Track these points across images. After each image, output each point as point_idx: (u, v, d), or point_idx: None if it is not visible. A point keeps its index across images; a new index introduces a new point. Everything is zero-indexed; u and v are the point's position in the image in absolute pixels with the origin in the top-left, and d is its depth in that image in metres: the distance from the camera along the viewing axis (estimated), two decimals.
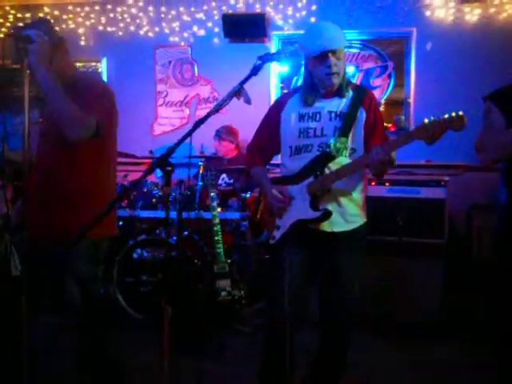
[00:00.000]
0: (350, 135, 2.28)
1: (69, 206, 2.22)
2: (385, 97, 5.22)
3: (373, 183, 4.08)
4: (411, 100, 5.17)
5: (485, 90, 5.16)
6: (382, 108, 5.21)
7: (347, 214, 2.30)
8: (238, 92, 1.95)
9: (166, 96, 5.58)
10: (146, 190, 4.15)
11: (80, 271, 2.21)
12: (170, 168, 1.75)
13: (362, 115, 2.30)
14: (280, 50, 2.04)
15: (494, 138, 2.36)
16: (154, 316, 3.72)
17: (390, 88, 5.20)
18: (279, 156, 2.49)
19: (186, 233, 4.00)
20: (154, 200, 4.12)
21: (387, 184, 4.07)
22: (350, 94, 2.34)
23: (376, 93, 5.20)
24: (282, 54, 2.00)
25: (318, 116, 2.32)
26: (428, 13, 5.08)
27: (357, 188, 2.34)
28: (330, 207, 2.25)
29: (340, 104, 2.31)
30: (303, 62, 2.35)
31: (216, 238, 3.71)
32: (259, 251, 3.91)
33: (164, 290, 3.52)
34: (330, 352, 2.41)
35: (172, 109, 5.57)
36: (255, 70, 1.98)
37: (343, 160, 2.26)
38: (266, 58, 2.01)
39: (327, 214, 2.22)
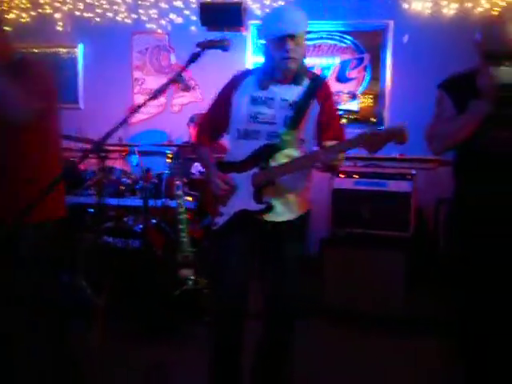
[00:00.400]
0: (301, 126, 2.27)
1: (14, 191, 2.22)
2: (361, 89, 5.21)
3: (341, 175, 4.10)
4: (387, 93, 5.16)
5: None
6: (359, 100, 5.22)
7: (291, 204, 2.32)
8: (177, 80, 1.94)
9: (142, 83, 5.56)
10: (114, 178, 4.14)
11: (24, 255, 2.21)
12: (104, 154, 1.73)
13: (315, 107, 2.29)
14: (221, 38, 2.01)
15: (444, 126, 2.34)
16: (118, 304, 3.80)
17: (367, 80, 5.19)
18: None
19: (154, 221, 4.00)
20: (122, 188, 4.11)
21: (355, 176, 4.08)
22: (306, 82, 2.31)
23: (352, 85, 5.21)
24: (225, 42, 1.98)
25: (270, 102, 2.30)
26: (405, 5, 5.07)
27: (302, 179, 2.35)
28: (273, 199, 2.26)
29: (294, 92, 2.29)
30: (264, 43, 2.34)
31: (181, 226, 3.69)
32: None
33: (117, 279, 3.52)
34: (275, 343, 2.41)
35: (148, 96, 5.52)
36: (194, 58, 1.97)
37: (291, 152, 2.26)
38: (205, 45, 1.99)
39: (269, 208, 2.24)
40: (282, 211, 2.29)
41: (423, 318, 3.77)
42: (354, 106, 5.23)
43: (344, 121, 5.20)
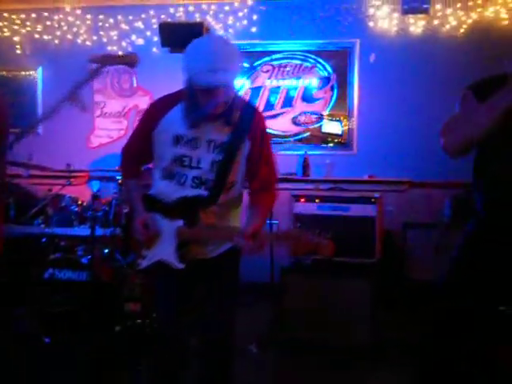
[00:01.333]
0: (232, 171, 2.07)
1: None
2: (328, 110, 5.04)
3: (302, 200, 3.90)
4: (355, 113, 5.00)
5: (429, 102, 5.07)
6: (325, 121, 5.05)
7: (216, 243, 2.14)
8: (73, 97, 1.75)
9: (103, 107, 5.37)
10: (63, 205, 3.92)
11: None
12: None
13: (246, 145, 2.06)
14: (127, 53, 1.82)
15: (462, 120, 2.09)
16: (64, 339, 3.56)
17: (333, 101, 5.03)
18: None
19: (106, 250, 3.77)
20: (71, 216, 3.89)
21: (316, 201, 3.88)
22: (236, 117, 2.04)
23: (319, 105, 5.04)
24: (128, 58, 1.79)
25: (196, 143, 2.05)
26: (371, 24, 4.94)
27: (233, 215, 2.19)
28: (197, 247, 2.11)
29: (224, 131, 2.04)
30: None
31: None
32: None
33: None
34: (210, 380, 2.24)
35: (110, 120, 5.36)
36: (92, 75, 1.77)
37: (219, 208, 2.10)
38: (104, 60, 1.80)
39: (191, 266, 2.08)
40: (211, 248, 2.14)
41: (390, 347, 3.54)
42: (337, 129, 5.05)
43: (330, 144, 5.05)
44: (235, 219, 2.19)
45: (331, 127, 5.05)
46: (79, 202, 3.94)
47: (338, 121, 5.04)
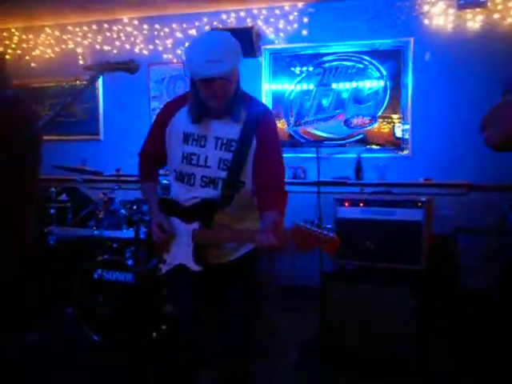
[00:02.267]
0: (242, 170, 2.05)
1: None
2: (381, 111, 4.90)
3: (346, 204, 3.81)
4: (408, 114, 4.82)
5: (488, 101, 4.81)
6: (377, 123, 4.91)
7: (234, 247, 2.14)
8: (70, 105, 1.80)
9: None
10: (113, 209, 4.06)
11: None
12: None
13: (254, 144, 2.04)
14: (126, 60, 1.85)
15: (505, 110, 1.95)
16: (113, 339, 3.68)
17: (386, 102, 4.88)
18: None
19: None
20: (120, 219, 4.02)
21: (361, 204, 3.77)
22: (244, 116, 2.04)
23: (372, 107, 4.92)
24: (128, 64, 1.82)
25: (203, 140, 2.07)
26: (426, 21, 4.75)
27: (247, 216, 2.16)
28: (217, 251, 2.12)
29: (231, 129, 2.04)
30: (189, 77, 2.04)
31: None
32: None
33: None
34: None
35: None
36: (90, 81, 1.82)
37: (232, 207, 2.10)
38: (101, 68, 1.84)
39: (208, 270, 2.09)
40: (227, 252, 2.13)
41: (436, 364, 3.37)
42: (391, 131, 4.92)
43: (384, 147, 4.93)
44: (250, 220, 2.15)
45: (384, 129, 4.90)
46: (128, 206, 4.07)
47: (391, 123, 4.89)
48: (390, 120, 4.89)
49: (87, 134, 5.68)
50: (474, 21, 4.63)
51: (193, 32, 5.33)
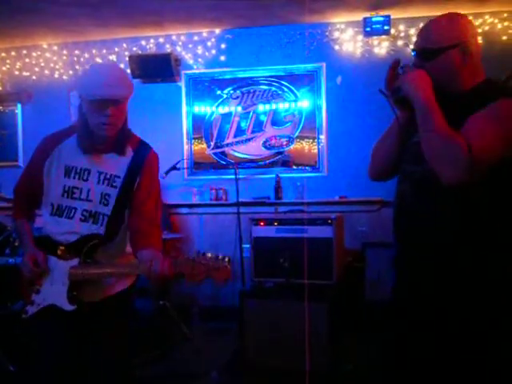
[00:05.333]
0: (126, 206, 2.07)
1: None
2: (297, 132, 5.09)
3: (261, 223, 3.94)
4: (323, 135, 5.04)
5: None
6: (295, 144, 5.10)
7: (110, 283, 2.10)
8: None
9: None
10: None
11: None
12: None
13: (137, 182, 2.07)
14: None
15: (378, 145, 2.00)
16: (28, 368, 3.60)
17: (302, 124, 5.08)
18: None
19: None
20: None
21: (275, 224, 3.91)
22: (130, 153, 2.08)
23: (288, 129, 5.10)
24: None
25: (86, 174, 2.06)
26: (336, 47, 5.01)
27: (126, 254, 2.14)
28: (93, 288, 2.05)
29: (116, 164, 2.07)
30: (80, 103, 2.05)
31: None
32: None
33: None
34: None
35: None
36: None
37: (114, 242, 2.08)
38: None
39: (82, 309, 2.00)
40: (99, 292, 2.07)
41: (349, 372, 3.51)
42: (307, 151, 5.10)
43: (301, 167, 5.09)
44: (126, 256, 2.15)
45: (301, 150, 5.10)
46: None
47: (308, 143, 5.09)
48: (306, 141, 5.09)
49: (5, 160, 5.58)
50: (381, 47, 4.94)
51: (113, 57, 5.37)
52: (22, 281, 2.11)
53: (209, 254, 1.83)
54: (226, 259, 1.83)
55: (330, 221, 3.79)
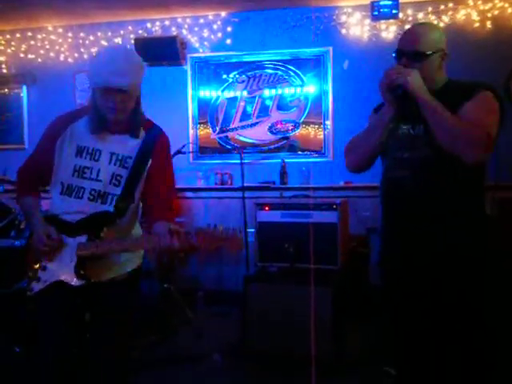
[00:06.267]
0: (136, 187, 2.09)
1: None
2: (303, 117, 5.07)
3: (266, 208, 3.93)
4: (329, 120, 5.01)
5: None
6: (301, 129, 5.08)
7: (117, 263, 2.11)
8: None
9: None
10: None
11: None
12: None
13: (149, 163, 2.09)
14: None
15: (361, 135, 2.32)
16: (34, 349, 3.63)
17: (308, 108, 5.05)
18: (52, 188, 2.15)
19: None
20: None
21: (281, 208, 3.90)
22: (143, 135, 2.10)
23: (294, 113, 5.07)
24: None
25: (97, 154, 2.08)
26: (343, 31, 4.96)
27: (132, 228, 2.18)
28: (100, 265, 2.07)
29: (128, 146, 2.09)
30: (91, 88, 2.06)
31: None
32: None
33: None
34: None
35: None
36: None
37: (122, 222, 2.10)
38: None
39: (89, 285, 2.02)
40: (107, 270, 2.09)
41: (353, 356, 3.52)
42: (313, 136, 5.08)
43: (307, 152, 5.08)
44: (135, 234, 2.20)
45: (307, 135, 5.08)
46: None
47: (314, 128, 5.06)
48: (312, 126, 5.06)
49: (10, 143, 5.58)
50: (388, 31, 4.88)
51: (118, 40, 5.35)
52: (29, 258, 2.13)
53: (220, 227, 1.88)
54: (238, 230, 1.89)
55: (334, 206, 3.77)
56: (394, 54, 2.09)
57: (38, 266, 2.09)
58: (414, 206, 2.02)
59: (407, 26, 4.81)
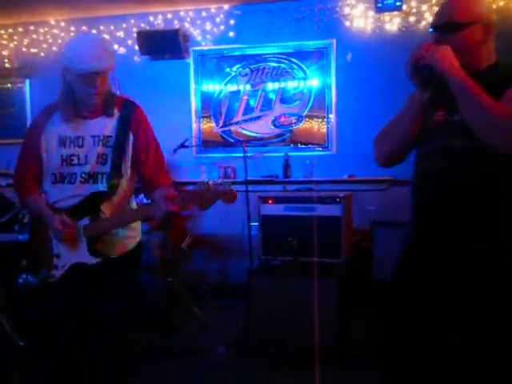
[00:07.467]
0: (122, 163, 2.19)
1: None
2: (306, 111, 5.05)
3: (269, 201, 3.92)
4: (333, 113, 4.99)
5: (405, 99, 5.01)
6: (304, 122, 5.06)
7: (123, 239, 2.23)
8: None
9: None
10: None
11: None
12: None
13: (130, 138, 2.19)
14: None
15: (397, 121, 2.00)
16: (38, 343, 3.65)
17: (311, 102, 5.03)
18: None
19: None
20: None
21: (284, 202, 3.89)
22: (117, 112, 2.20)
23: (298, 107, 5.06)
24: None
25: (81, 141, 2.17)
26: (347, 23, 4.93)
27: (127, 208, 2.30)
28: (108, 241, 2.18)
29: (106, 125, 2.17)
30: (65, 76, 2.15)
31: None
32: None
33: None
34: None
35: None
36: None
37: (118, 197, 2.21)
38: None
39: (107, 259, 2.16)
40: (115, 246, 2.21)
41: (356, 349, 3.53)
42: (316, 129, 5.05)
43: (310, 145, 5.05)
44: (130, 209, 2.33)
45: (310, 128, 5.06)
46: None
47: (317, 122, 5.04)
48: (315, 119, 5.04)
49: (13, 137, 5.57)
50: (392, 23, 4.85)
51: (120, 34, 5.33)
52: (40, 251, 2.23)
53: (210, 181, 1.97)
54: (228, 183, 2.00)
55: (338, 199, 3.76)
56: (430, 30, 1.87)
57: (50, 255, 2.19)
58: (448, 196, 1.80)
59: (411, 18, 4.81)
